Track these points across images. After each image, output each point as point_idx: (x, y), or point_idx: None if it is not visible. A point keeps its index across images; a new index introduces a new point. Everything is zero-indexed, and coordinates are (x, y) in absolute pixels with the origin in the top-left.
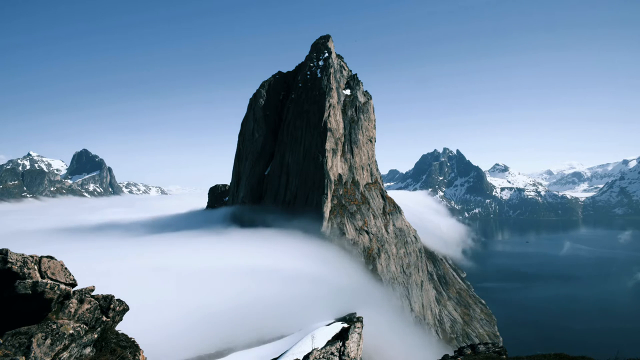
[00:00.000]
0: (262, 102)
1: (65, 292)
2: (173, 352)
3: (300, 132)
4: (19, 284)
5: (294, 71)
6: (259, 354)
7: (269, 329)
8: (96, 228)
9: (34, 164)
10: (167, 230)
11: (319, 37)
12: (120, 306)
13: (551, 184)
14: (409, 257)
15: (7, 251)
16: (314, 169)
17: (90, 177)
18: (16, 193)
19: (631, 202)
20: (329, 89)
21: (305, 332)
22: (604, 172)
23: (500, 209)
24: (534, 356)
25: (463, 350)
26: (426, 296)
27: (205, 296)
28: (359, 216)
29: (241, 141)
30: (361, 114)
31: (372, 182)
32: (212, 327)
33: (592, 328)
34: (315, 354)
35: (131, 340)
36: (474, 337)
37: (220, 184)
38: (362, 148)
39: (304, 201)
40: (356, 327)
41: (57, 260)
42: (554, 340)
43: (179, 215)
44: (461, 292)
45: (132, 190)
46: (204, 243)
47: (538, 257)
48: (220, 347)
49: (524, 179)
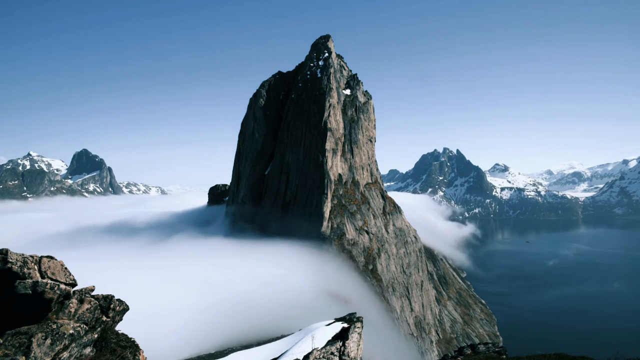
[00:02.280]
0: (262, 102)
1: (65, 292)
2: (173, 352)
3: (301, 132)
4: (19, 284)
5: (294, 71)
6: (259, 354)
7: (269, 329)
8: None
9: (34, 164)
10: (166, 231)
11: (319, 37)
12: (120, 306)
13: (551, 184)
14: (409, 257)
15: (7, 251)
16: (314, 168)
17: (90, 177)
18: (16, 193)
19: (631, 202)
20: (329, 89)
21: (305, 332)
22: (604, 172)
23: (500, 208)
24: (534, 356)
25: (463, 350)
26: (426, 296)
27: (205, 296)
28: (359, 216)
29: (241, 141)
30: (361, 114)
31: (372, 182)
32: (212, 327)
33: (592, 328)
34: (315, 354)
35: (131, 340)
36: (474, 337)
37: (221, 183)
38: (362, 148)
39: (304, 201)
40: (356, 327)
41: (57, 260)
42: (554, 340)
43: (179, 215)
44: (461, 292)
45: (132, 190)
46: (204, 245)
47: (538, 257)
48: (220, 347)
49: (524, 179)
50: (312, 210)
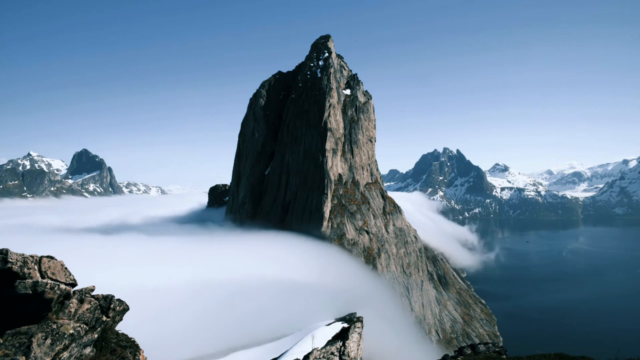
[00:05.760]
0: (262, 102)
1: (66, 292)
2: (173, 352)
3: (301, 132)
4: (19, 284)
5: (294, 71)
6: (259, 354)
7: (269, 329)
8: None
9: (34, 163)
10: (166, 231)
11: (319, 37)
12: (120, 306)
13: (551, 184)
14: (409, 257)
15: (7, 251)
16: (314, 168)
17: (90, 177)
18: (16, 193)
19: (631, 202)
20: (329, 89)
21: (305, 332)
22: (604, 172)
23: (500, 208)
24: (534, 356)
25: (463, 350)
26: (426, 296)
27: (205, 296)
28: (359, 216)
29: (241, 141)
30: (361, 114)
31: (372, 182)
32: (212, 327)
33: (592, 328)
34: (315, 354)
35: (131, 340)
36: (474, 337)
37: (221, 183)
38: (362, 148)
39: (304, 201)
40: (356, 327)
41: (57, 260)
42: (554, 340)
43: (179, 215)
44: (461, 292)
45: (132, 190)
46: (203, 243)
47: (538, 257)
48: (220, 347)
49: (524, 179)
50: (312, 210)
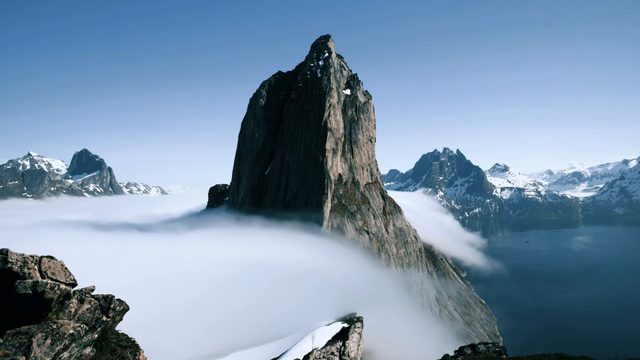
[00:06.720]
0: (262, 102)
1: (66, 292)
2: (173, 351)
3: (301, 132)
4: (19, 284)
5: (294, 71)
6: (259, 354)
7: (269, 329)
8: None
9: (34, 163)
10: (166, 229)
11: (319, 37)
12: (120, 306)
13: (551, 184)
14: (409, 256)
15: (7, 251)
16: (314, 168)
17: (90, 177)
18: (16, 193)
19: (631, 201)
20: (329, 89)
21: (305, 332)
22: (604, 171)
23: (500, 208)
24: (534, 356)
25: (463, 350)
26: (426, 296)
27: (205, 295)
28: (359, 216)
29: (241, 141)
30: (361, 114)
31: (372, 181)
32: (212, 326)
33: (592, 328)
34: (316, 354)
35: (131, 340)
36: (474, 337)
37: (221, 183)
38: (362, 148)
39: (304, 201)
40: (356, 327)
41: (57, 260)
42: (554, 340)
43: (179, 215)
44: (461, 292)
45: (132, 190)
46: (203, 241)
47: (538, 257)
48: (220, 347)
49: (524, 179)
50: (312, 210)
